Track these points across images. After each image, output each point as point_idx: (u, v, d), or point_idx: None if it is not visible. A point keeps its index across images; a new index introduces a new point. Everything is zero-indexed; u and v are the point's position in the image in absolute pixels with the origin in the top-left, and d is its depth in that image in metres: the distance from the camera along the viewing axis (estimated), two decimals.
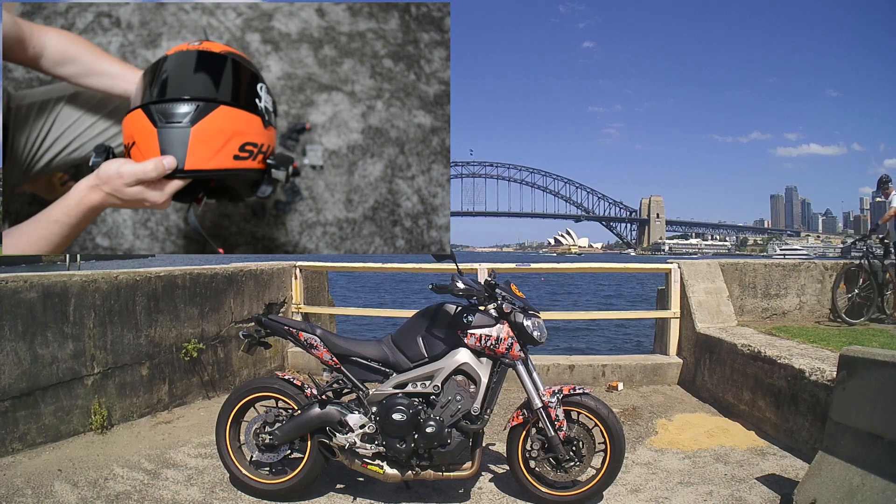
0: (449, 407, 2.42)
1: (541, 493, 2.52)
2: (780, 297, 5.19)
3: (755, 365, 3.66)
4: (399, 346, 2.55)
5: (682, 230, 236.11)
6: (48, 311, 3.19)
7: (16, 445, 3.01)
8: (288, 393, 2.59)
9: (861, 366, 2.34)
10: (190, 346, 3.97)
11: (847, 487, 2.20)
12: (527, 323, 2.48)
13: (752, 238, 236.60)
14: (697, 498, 2.62)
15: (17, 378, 3.02)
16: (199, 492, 2.64)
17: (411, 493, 2.63)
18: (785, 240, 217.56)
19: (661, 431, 3.53)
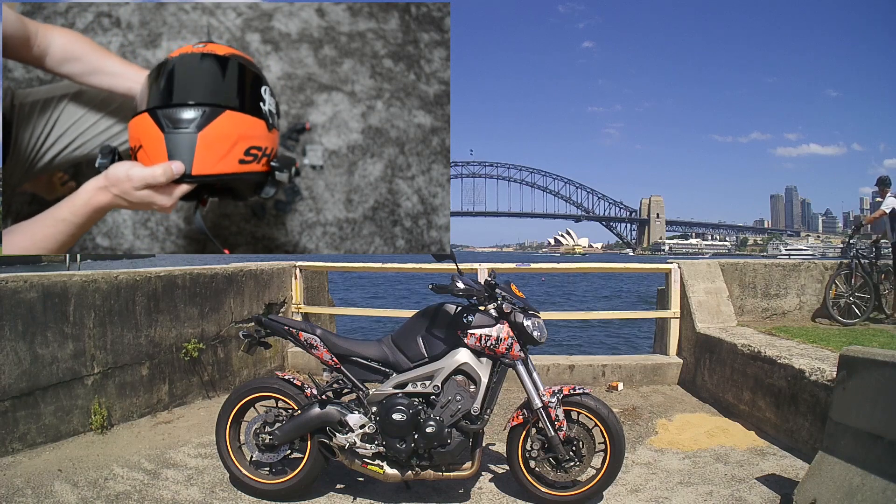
0: (449, 407, 2.42)
1: (541, 493, 2.52)
2: (780, 297, 5.19)
3: (755, 365, 3.66)
4: (399, 346, 2.55)
5: (682, 230, 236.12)
6: (48, 311, 3.19)
7: (16, 445, 3.01)
8: (288, 393, 2.59)
9: (861, 366, 2.34)
10: (190, 346, 3.97)
11: (847, 487, 2.20)
12: (527, 323, 2.48)
13: (753, 238, 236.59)
14: (697, 498, 2.62)
15: (17, 378, 3.02)
16: (199, 492, 2.64)
17: (411, 493, 2.63)
18: (785, 240, 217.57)
19: (661, 431, 3.53)
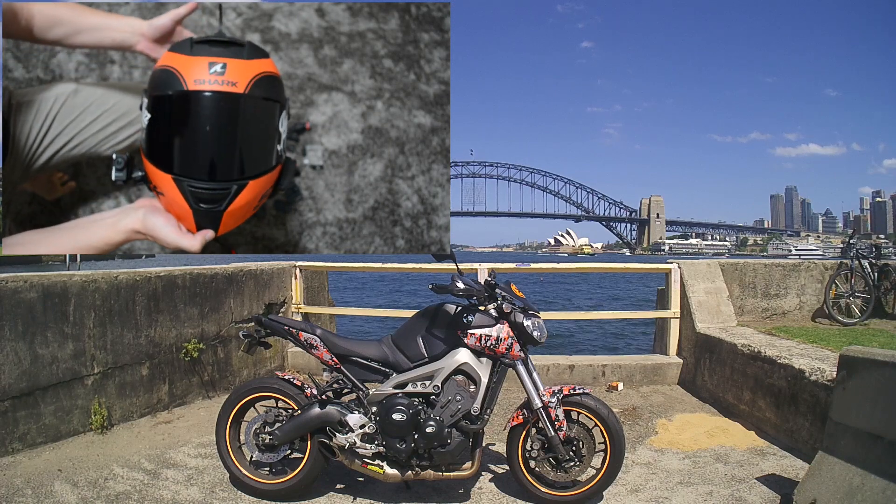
0: (449, 407, 2.42)
1: (541, 493, 2.52)
2: (780, 297, 5.19)
3: (755, 365, 3.66)
4: (399, 346, 2.55)
5: (682, 230, 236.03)
6: (48, 311, 3.19)
7: (16, 445, 3.01)
8: (288, 393, 2.59)
9: (861, 366, 2.34)
10: (190, 346, 3.97)
11: (847, 487, 2.20)
12: (527, 323, 2.48)
13: (753, 238, 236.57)
14: (697, 498, 2.62)
15: (17, 378, 3.02)
16: (199, 492, 2.64)
17: (411, 493, 2.63)
18: (785, 240, 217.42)
19: (661, 431, 3.53)
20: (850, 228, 63.25)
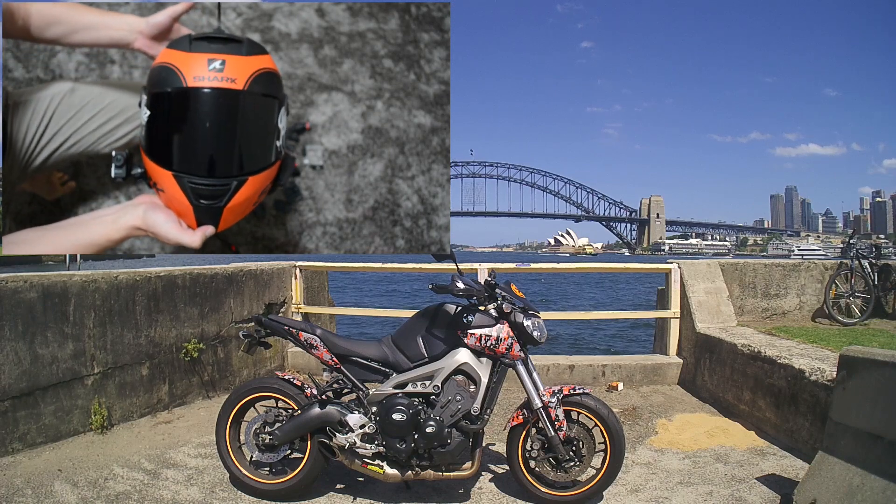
0: (449, 407, 2.42)
1: (541, 493, 2.52)
2: (780, 297, 5.19)
3: (755, 365, 3.66)
4: (399, 346, 2.55)
5: (682, 230, 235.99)
6: (48, 311, 3.19)
7: (16, 445, 3.01)
8: (288, 393, 2.59)
9: (861, 366, 2.34)
10: (190, 346, 3.97)
11: (847, 487, 2.20)
12: (527, 323, 2.48)
13: (753, 238, 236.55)
14: (697, 498, 2.62)
15: (17, 378, 3.02)
16: (199, 492, 2.64)
17: (411, 493, 2.63)
18: (785, 240, 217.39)
19: (661, 431, 3.53)
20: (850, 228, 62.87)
